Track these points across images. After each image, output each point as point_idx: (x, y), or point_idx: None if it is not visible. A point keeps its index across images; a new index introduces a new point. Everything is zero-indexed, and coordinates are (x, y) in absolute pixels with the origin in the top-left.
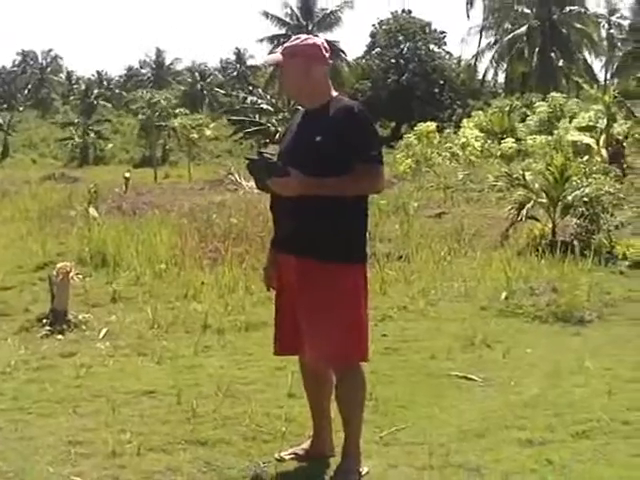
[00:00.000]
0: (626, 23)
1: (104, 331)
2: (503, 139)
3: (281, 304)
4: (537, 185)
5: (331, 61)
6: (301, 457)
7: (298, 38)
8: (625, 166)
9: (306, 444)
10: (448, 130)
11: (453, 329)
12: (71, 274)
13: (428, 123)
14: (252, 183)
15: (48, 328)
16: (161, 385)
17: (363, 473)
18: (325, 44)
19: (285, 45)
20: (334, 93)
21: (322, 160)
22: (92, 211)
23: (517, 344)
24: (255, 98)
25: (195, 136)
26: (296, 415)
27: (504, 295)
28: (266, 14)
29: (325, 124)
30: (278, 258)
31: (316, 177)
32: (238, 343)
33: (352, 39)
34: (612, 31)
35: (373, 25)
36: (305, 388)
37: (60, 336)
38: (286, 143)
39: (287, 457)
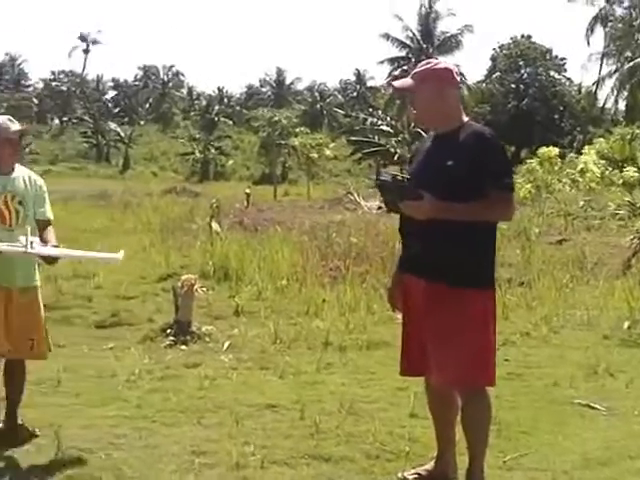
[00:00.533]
0: None
1: (227, 344)
2: (624, 167)
3: (407, 325)
4: None
5: (461, 85)
6: (424, 478)
7: (428, 63)
8: None
9: (429, 465)
10: (571, 155)
11: (576, 357)
12: (195, 286)
13: (550, 148)
14: (371, 203)
15: (172, 338)
16: (284, 399)
17: None
18: (456, 68)
19: (415, 70)
20: (465, 118)
21: (452, 184)
22: (215, 225)
23: None
24: (375, 119)
25: (315, 155)
26: (419, 435)
27: (627, 325)
28: (387, 36)
29: (456, 149)
30: (404, 279)
31: (445, 201)
32: (360, 361)
33: (471, 62)
34: None
35: (494, 49)
36: (430, 410)
37: (184, 347)
38: (415, 166)
39: (410, 477)
